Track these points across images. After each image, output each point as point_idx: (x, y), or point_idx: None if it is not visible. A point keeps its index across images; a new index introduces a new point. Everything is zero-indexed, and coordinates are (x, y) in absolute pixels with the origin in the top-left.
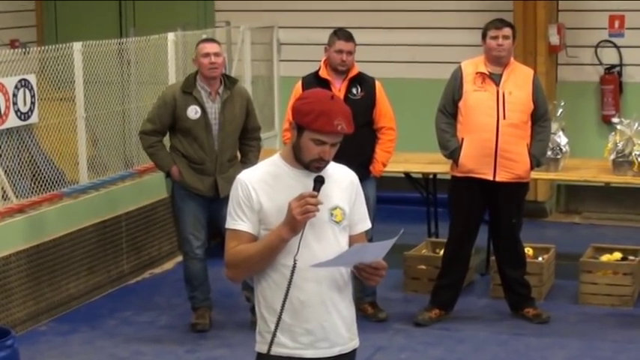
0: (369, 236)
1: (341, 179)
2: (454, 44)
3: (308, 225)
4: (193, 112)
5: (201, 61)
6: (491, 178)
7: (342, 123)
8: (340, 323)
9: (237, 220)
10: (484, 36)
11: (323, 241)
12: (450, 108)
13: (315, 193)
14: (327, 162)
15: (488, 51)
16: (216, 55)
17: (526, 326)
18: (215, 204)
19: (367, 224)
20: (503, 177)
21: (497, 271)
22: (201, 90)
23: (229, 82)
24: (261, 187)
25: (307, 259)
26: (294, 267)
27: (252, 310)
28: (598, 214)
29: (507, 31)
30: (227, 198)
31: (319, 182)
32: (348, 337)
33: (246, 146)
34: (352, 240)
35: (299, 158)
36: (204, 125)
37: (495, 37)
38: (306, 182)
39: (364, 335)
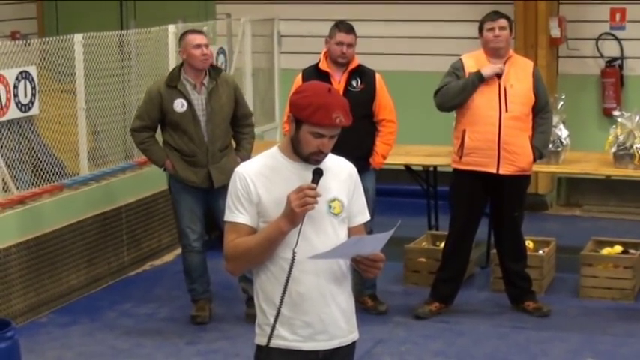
0: (369, 229)
1: (339, 171)
2: (454, 37)
3: (307, 217)
4: (179, 105)
5: (193, 52)
6: (494, 171)
7: (341, 116)
8: (339, 315)
9: (236, 213)
10: (480, 30)
11: (322, 233)
12: None
13: (314, 185)
14: (326, 154)
15: (486, 44)
16: (206, 46)
17: (526, 319)
18: (211, 195)
19: (366, 216)
20: (507, 170)
21: (497, 264)
22: (186, 83)
23: (214, 72)
24: (260, 180)
25: (306, 251)
26: (292, 259)
27: (247, 302)
28: (599, 207)
29: (503, 22)
30: (222, 188)
31: (318, 175)
32: (347, 330)
33: (240, 134)
34: (351, 232)
35: (297, 151)
36: (191, 117)
37: (491, 29)
38: (305, 175)
39: (364, 328)
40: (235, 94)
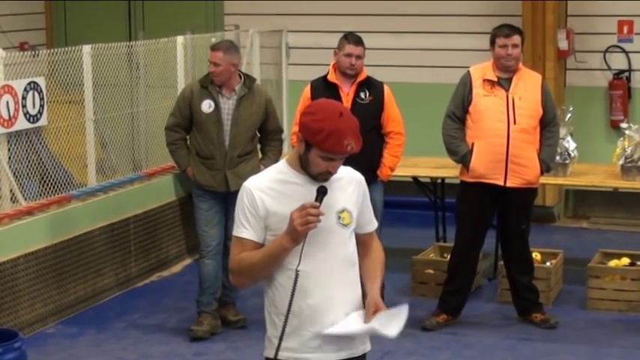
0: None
1: (348, 182)
2: (463, 49)
3: (315, 233)
4: (207, 105)
5: (209, 65)
6: (502, 183)
7: (352, 142)
8: None
9: (241, 228)
10: (492, 43)
11: (330, 246)
12: (459, 113)
13: (317, 204)
14: (334, 174)
15: (497, 59)
16: (215, 64)
17: (534, 331)
18: (229, 201)
19: (375, 224)
20: (514, 182)
21: (504, 276)
22: (216, 85)
23: (248, 80)
24: (268, 194)
25: (315, 266)
26: (296, 278)
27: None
28: (606, 220)
29: (516, 39)
30: (238, 193)
31: (322, 193)
32: (358, 341)
33: (267, 146)
34: (361, 240)
35: (306, 170)
36: (215, 120)
37: (504, 46)
38: (312, 188)
39: (371, 339)
40: (267, 108)
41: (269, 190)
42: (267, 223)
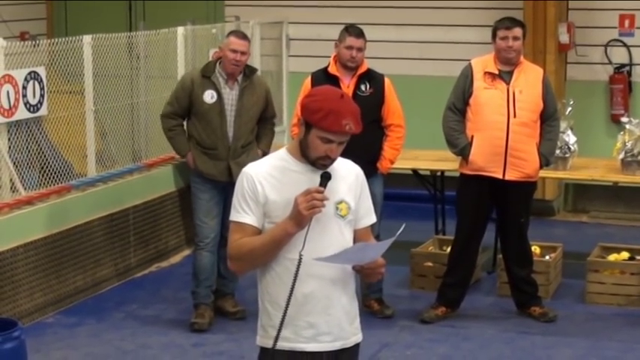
0: (376, 232)
1: (347, 174)
2: (464, 42)
3: (313, 219)
4: (209, 96)
5: (227, 54)
6: (500, 176)
7: (351, 123)
8: (343, 317)
9: (242, 213)
10: (494, 35)
11: (328, 235)
12: (459, 105)
13: (322, 188)
14: (333, 160)
15: (498, 51)
16: (243, 53)
17: (532, 325)
18: (229, 189)
19: (373, 218)
20: (513, 176)
21: (503, 269)
22: (219, 76)
23: (249, 70)
24: (268, 181)
25: (312, 253)
26: (299, 262)
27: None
28: (606, 214)
29: (517, 31)
30: None
31: (326, 178)
32: (350, 332)
33: (261, 129)
34: (358, 234)
35: (305, 154)
36: (218, 111)
37: (505, 38)
38: (313, 177)
39: (370, 332)
40: (267, 97)
41: (269, 177)
42: (266, 210)
